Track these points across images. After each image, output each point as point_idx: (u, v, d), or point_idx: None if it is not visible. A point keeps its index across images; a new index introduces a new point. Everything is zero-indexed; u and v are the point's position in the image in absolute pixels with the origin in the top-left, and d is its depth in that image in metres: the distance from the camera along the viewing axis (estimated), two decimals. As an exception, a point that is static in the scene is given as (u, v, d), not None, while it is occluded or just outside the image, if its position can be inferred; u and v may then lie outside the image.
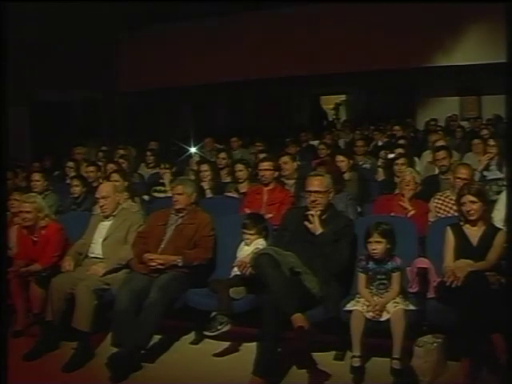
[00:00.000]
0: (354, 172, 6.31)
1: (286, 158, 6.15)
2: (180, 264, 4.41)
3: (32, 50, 11.94)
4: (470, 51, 11.82)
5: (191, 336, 4.60)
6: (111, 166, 6.95)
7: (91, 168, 7.21)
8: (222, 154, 7.52)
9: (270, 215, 5.11)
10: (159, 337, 4.44)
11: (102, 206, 4.90)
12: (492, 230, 3.97)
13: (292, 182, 5.99)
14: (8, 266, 4.68)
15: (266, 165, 5.63)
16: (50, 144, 12.08)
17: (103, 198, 4.89)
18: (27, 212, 4.80)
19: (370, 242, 3.89)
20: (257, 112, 17.12)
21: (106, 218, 4.89)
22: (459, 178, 4.93)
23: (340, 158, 6.27)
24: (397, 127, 10.03)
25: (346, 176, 6.01)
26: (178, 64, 14.13)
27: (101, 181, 6.72)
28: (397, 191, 5.34)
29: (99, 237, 4.81)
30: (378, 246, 3.87)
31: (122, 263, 4.66)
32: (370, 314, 3.73)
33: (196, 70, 13.82)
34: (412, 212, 4.94)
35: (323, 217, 4.15)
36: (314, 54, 12.81)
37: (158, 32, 14.50)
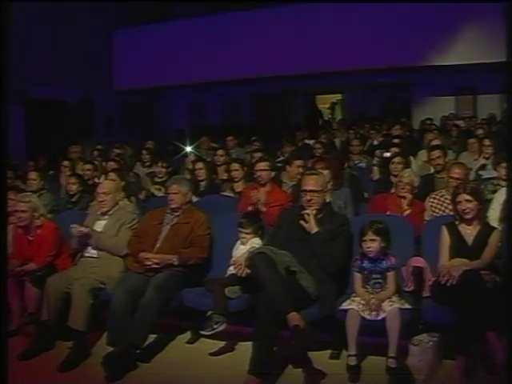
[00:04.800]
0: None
1: (300, 162, 6.14)
2: (175, 263, 4.41)
3: (28, 47, 11.92)
4: (466, 50, 11.85)
5: (187, 335, 4.60)
6: (111, 164, 6.95)
7: (88, 166, 7.23)
8: (220, 152, 7.54)
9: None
10: (155, 336, 4.44)
11: (101, 201, 4.89)
12: (487, 229, 3.98)
13: (291, 183, 5.97)
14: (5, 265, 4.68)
15: (262, 165, 5.62)
16: (44, 143, 12.06)
17: (104, 193, 4.89)
18: (22, 211, 4.80)
19: (364, 241, 3.90)
20: (252, 111, 17.12)
21: (103, 215, 4.89)
22: (452, 177, 4.95)
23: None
24: (397, 126, 10.04)
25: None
26: (174, 63, 14.12)
27: (96, 180, 6.72)
28: (392, 190, 5.35)
29: (95, 236, 4.81)
30: (372, 244, 3.87)
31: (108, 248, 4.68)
32: (366, 312, 3.73)
33: (192, 69, 13.82)
34: (408, 211, 4.94)
35: (319, 216, 4.15)
36: (310, 53, 12.82)
37: (154, 31, 14.49)
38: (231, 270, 4.31)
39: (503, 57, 3.67)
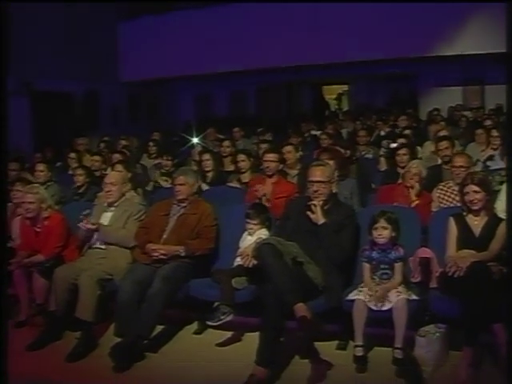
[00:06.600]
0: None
1: (289, 148, 6.19)
2: (182, 254, 4.42)
3: (34, 40, 11.92)
4: (474, 40, 11.78)
5: (194, 326, 4.62)
6: (116, 156, 6.97)
7: (96, 157, 7.24)
8: (226, 143, 7.57)
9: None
10: (162, 327, 4.45)
11: (108, 192, 4.90)
12: (494, 221, 3.96)
13: (295, 172, 6.01)
14: (10, 257, 4.70)
15: (271, 156, 5.62)
16: (51, 135, 12.08)
17: (111, 184, 4.90)
18: (30, 203, 4.80)
19: (375, 228, 3.90)
20: (259, 102, 17.10)
21: (109, 206, 4.90)
22: (455, 166, 4.94)
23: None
24: (403, 117, 10.00)
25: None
26: (180, 54, 14.10)
27: (103, 172, 6.74)
28: (399, 181, 5.33)
29: (102, 227, 4.83)
30: (383, 232, 3.87)
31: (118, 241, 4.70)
32: (373, 302, 3.73)
33: (198, 60, 13.80)
34: (416, 202, 4.93)
35: (326, 207, 4.14)
36: (316, 43, 12.77)
37: (160, 22, 14.47)
38: (238, 260, 4.32)
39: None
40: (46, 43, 12.44)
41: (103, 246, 4.75)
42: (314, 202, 4.11)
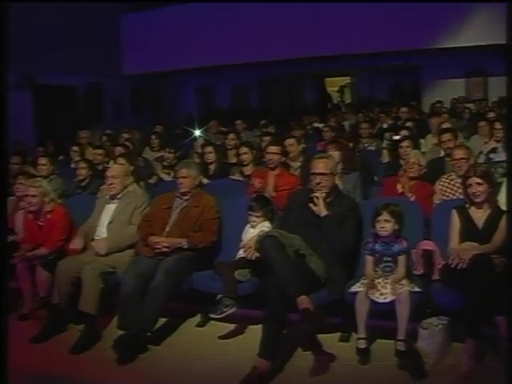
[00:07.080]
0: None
1: (291, 141, 6.20)
2: (185, 247, 4.43)
3: (35, 34, 11.91)
4: (476, 32, 11.72)
5: (197, 318, 4.63)
6: (119, 149, 6.97)
7: (99, 151, 7.25)
8: (231, 135, 7.59)
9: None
10: (165, 319, 4.46)
11: (110, 185, 4.91)
12: (497, 213, 3.95)
13: (297, 164, 6.01)
14: (13, 250, 4.71)
15: (273, 149, 5.62)
16: (53, 129, 12.08)
17: (113, 176, 4.91)
18: (33, 196, 4.81)
19: (378, 221, 3.89)
20: (261, 94, 17.07)
21: (112, 199, 4.91)
22: (455, 158, 4.94)
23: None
24: (404, 109, 9.97)
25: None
26: (182, 47, 14.07)
27: (106, 165, 6.74)
28: (401, 173, 5.33)
29: (105, 220, 4.83)
30: (386, 225, 3.86)
31: (126, 243, 4.68)
32: (375, 295, 3.73)
33: (200, 53, 13.77)
34: (413, 198, 4.92)
35: (328, 199, 4.14)
36: (318, 35, 12.73)
37: (162, 15, 14.43)
38: (241, 253, 4.32)
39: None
40: (48, 37, 12.41)
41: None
42: (316, 194, 4.10)
